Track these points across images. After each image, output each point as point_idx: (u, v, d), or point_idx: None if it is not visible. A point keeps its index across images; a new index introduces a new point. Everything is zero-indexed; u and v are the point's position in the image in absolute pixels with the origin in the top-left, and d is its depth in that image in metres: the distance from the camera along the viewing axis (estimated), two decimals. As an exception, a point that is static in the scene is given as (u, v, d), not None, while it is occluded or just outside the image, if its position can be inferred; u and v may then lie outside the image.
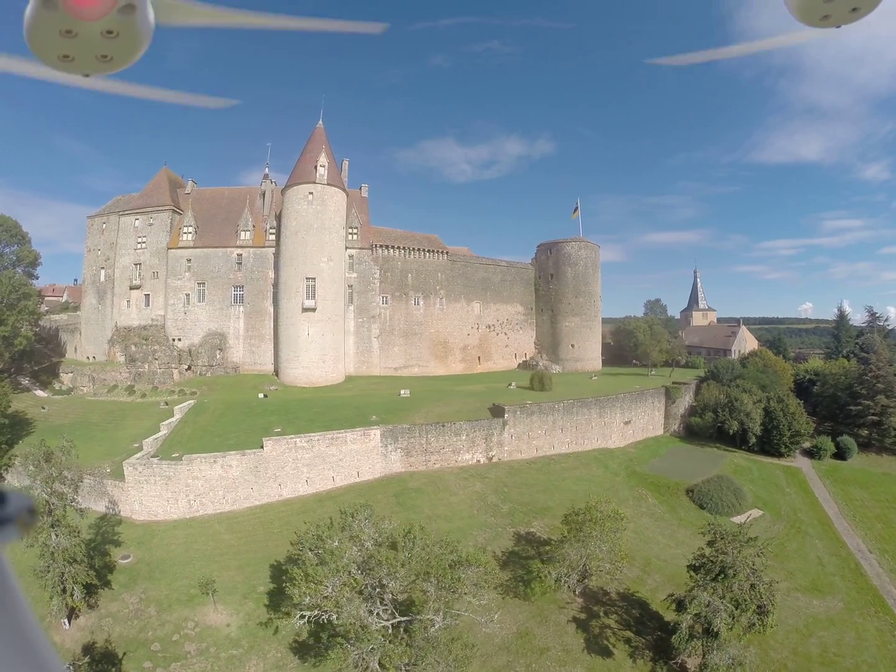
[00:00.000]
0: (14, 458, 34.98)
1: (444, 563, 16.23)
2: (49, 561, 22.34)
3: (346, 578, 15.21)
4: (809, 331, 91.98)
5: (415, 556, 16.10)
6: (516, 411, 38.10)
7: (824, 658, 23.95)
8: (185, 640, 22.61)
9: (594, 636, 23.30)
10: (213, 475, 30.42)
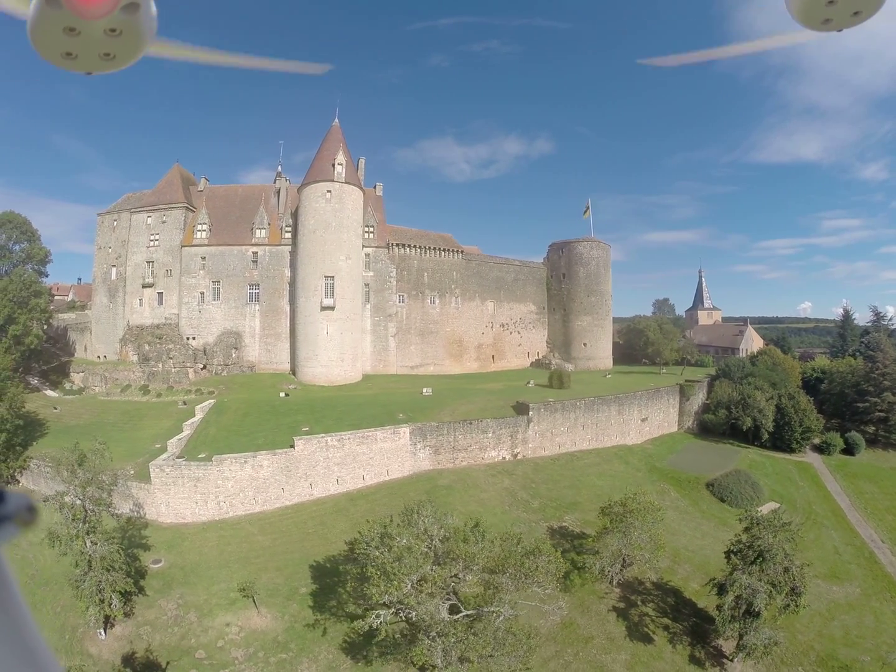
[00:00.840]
0: (29, 459, 35.23)
1: (518, 553, 17.37)
2: (85, 569, 21.81)
3: (425, 573, 16.07)
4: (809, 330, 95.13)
5: (485, 549, 17.14)
6: (540, 409, 39.42)
7: (847, 640, 25.66)
8: (231, 646, 22.45)
9: (634, 624, 24.68)
10: (244, 475, 30.57)
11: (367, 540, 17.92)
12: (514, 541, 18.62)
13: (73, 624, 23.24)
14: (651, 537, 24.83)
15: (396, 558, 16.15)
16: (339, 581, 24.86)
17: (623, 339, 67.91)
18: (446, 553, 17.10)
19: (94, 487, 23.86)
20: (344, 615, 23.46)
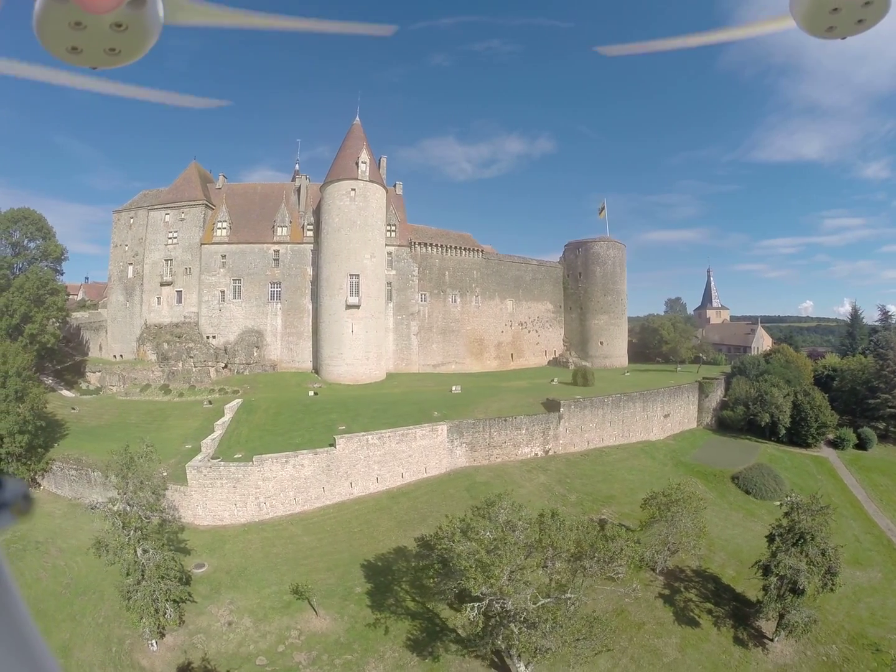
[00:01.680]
0: (51, 462, 35.28)
1: (601, 538, 18.99)
2: (138, 578, 21.32)
3: (523, 562, 17.41)
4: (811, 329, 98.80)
5: (567, 536, 18.67)
6: (570, 405, 41.21)
7: (874, 620, 27.89)
8: (293, 650, 22.17)
9: (680, 609, 26.52)
10: (285, 475, 30.77)
11: (449, 534, 19.10)
12: (591, 527, 20.25)
13: (119, 635, 22.92)
14: (695, 524, 26.71)
15: (491, 549, 17.42)
16: (394, 579, 25.69)
17: (636, 338, 70.25)
18: (538, 541, 18.60)
19: (146, 492, 23.48)
20: (404, 613, 23.94)
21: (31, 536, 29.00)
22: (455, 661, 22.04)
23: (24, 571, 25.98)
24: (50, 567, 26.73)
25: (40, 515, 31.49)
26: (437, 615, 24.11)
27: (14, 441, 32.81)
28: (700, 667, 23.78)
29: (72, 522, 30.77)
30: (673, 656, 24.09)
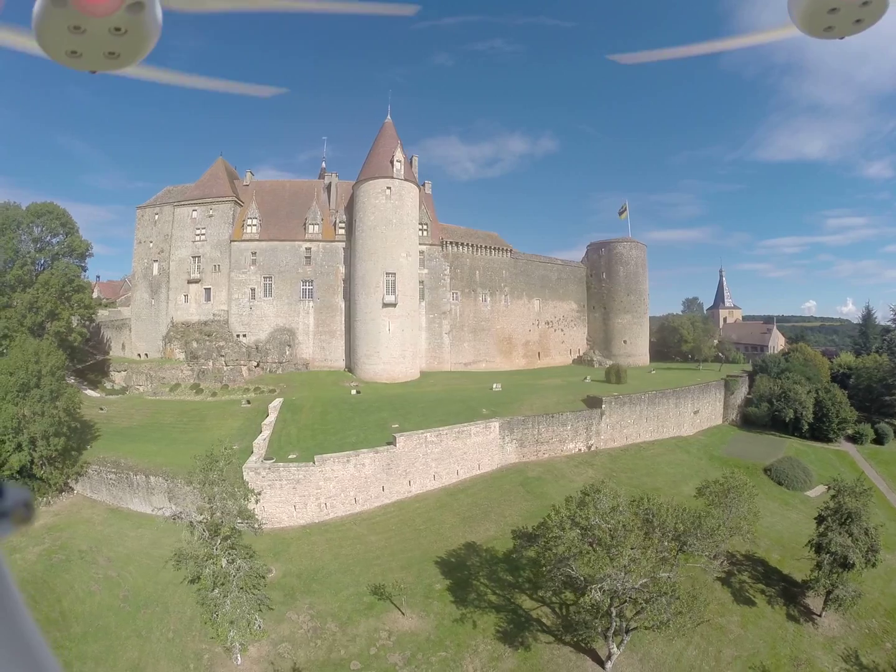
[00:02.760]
0: (87, 465, 34.95)
1: (698, 517, 21.71)
2: (229, 589, 20.72)
3: (641, 542, 19.82)
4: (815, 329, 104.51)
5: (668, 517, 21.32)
6: (611, 402, 44.09)
7: (907, 597, 31.45)
8: (386, 652, 22.38)
9: (737, 590, 29.49)
10: (346, 475, 31.51)
11: (557, 523, 21.35)
12: (687, 507, 22.97)
13: (196, 650, 22.56)
14: (749, 509, 29.75)
15: (608, 534, 19.77)
16: (471, 574, 27.21)
17: (655, 337, 73.82)
18: (649, 522, 21.15)
19: (236, 500, 22.99)
20: (488, 606, 25.06)
21: (73, 545, 29.04)
22: (546, 649, 23.72)
23: (73, 584, 25.92)
24: (101, 579, 26.52)
25: (79, 522, 31.90)
26: (519, 606, 25.80)
27: (49, 444, 32.47)
28: (762, 642, 26.74)
29: (114, 529, 31.20)
30: (737, 633, 27.02)
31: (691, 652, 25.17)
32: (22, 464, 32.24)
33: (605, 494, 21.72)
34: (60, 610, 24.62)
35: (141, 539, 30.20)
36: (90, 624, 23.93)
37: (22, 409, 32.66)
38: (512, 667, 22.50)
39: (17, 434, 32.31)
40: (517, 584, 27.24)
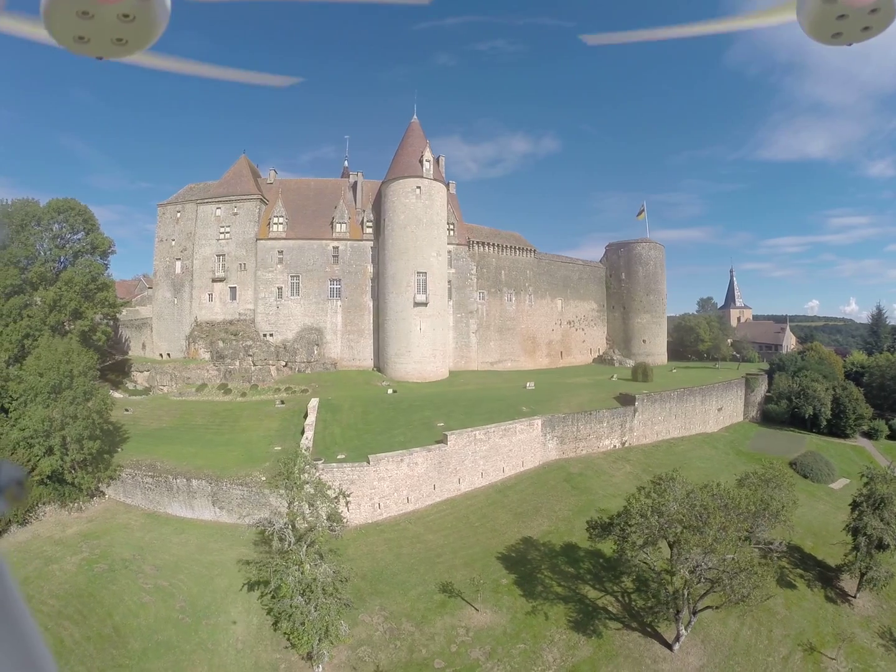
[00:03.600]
0: (119, 469, 34.70)
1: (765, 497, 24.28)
2: (316, 595, 20.66)
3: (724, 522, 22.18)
4: (818, 328, 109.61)
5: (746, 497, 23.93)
6: (644, 399, 46.76)
7: (931, 580, 34.64)
8: (466, 648, 23.24)
9: (779, 575, 32.32)
10: (400, 474, 32.44)
11: (639, 510, 23.59)
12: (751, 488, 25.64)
13: (270, 661, 22.70)
14: (788, 497, 32.55)
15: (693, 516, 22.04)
16: (534, 568, 29.04)
17: (671, 336, 77.07)
18: (726, 505, 23.56)
19: (329, 502, 23.24)
20: (555, 598, 26.80)
21: (114, 554, 28.78)
22: (616, 635, 25.74)
23: (122, 596, 25.61)
24: (152, 589, 26.19)
25: (115, 528, 31.68)
26: (584, 596, 27.83)
27: (82, 448, 32.22)
28: (805, 621, 29.49)
29: (155, 535, 31.14)
30: (783, 614, 29.73)
31: (745, 632, 27.76)
32: (53, 468, 31.82)
33: (678, 483, 24.08)
34: (113, 625, 23.91)
35: (186, 545, 30.18)
36: (149, 639, 23.36)
37: (52, 411, 32.23)
38: (588, 654, 24.42)
39: (47, 438, 31.95)
40: (579, 576, 29.38)
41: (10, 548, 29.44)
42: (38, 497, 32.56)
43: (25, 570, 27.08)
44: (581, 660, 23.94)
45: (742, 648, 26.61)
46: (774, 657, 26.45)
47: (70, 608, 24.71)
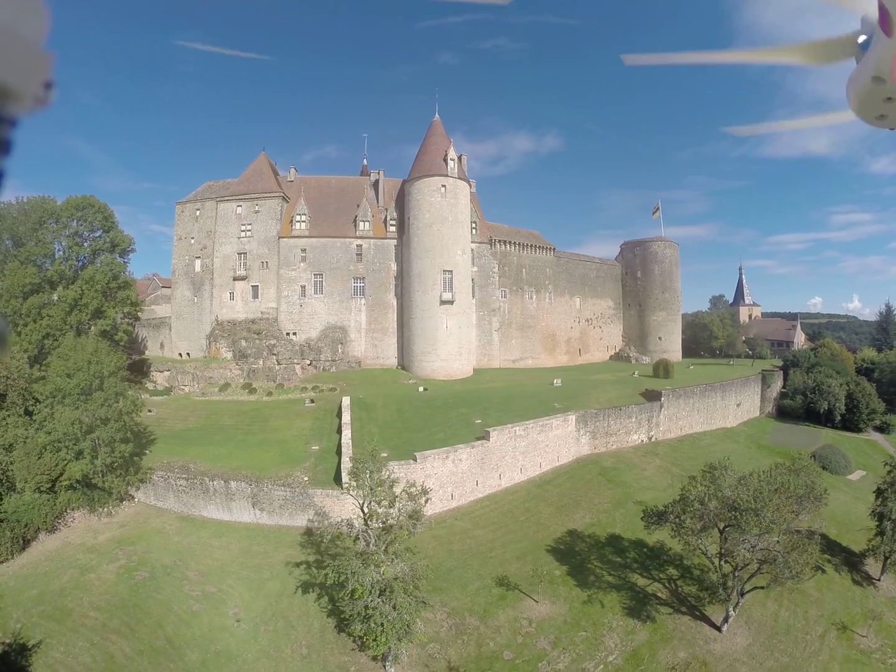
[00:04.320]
0: (150, 471, 34.79)
1: (811, 485, 26.79)
2: (396, 595, 21.06)
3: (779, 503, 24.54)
4: (822, 325, 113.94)
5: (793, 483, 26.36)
6: (669, 395, 49.27)
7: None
8: (532, 638, 24.45)
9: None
10: (445, 471, 33.62)
11: (698, 496, 25.83)
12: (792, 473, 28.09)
13: (339, 664, 23.00)
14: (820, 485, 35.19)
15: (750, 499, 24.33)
16: (584, 559, 31.04)
17: (685, 334, 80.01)
18: (779, 489, 25.90)
19: (414, 499, 23.77)
20: (607, 586, 28.71)
21: (153, 560, 28.59)
22: (668, 620, 27.88)
23: (170, 605, 25.38)
24: (201, 596, 26.04)
25: (150, 533, 31.56)
26: (634, 584, 29.91)
27: (113, 451, 32.26)
28: (836, 602, 32.15)
29: (194, 539, 31.14)
30: (816, 596, 32.35)
31: (784, 613, 30.29)
32: (84, 473, 31.76)
33: (730, 470, 26.42)
34: (165, 636, 23.72)
35: (229, 549, 30.25)
36: (206, 649, 23.13)
37: (82, 413, 31.97)
38: (645, 638, 26.50)
39: (77, 441, 31.78)
40: (626, 565, 31.61)
41: (41, 557, 29.40)
42: (66, 502, 32.41)
43: (60, 580, 27.04)
44: (640, 644, 26.03)
45: (782, 628, 29.10)
46: (812, 635, 29.00)
47: (115, 620, 24.44)
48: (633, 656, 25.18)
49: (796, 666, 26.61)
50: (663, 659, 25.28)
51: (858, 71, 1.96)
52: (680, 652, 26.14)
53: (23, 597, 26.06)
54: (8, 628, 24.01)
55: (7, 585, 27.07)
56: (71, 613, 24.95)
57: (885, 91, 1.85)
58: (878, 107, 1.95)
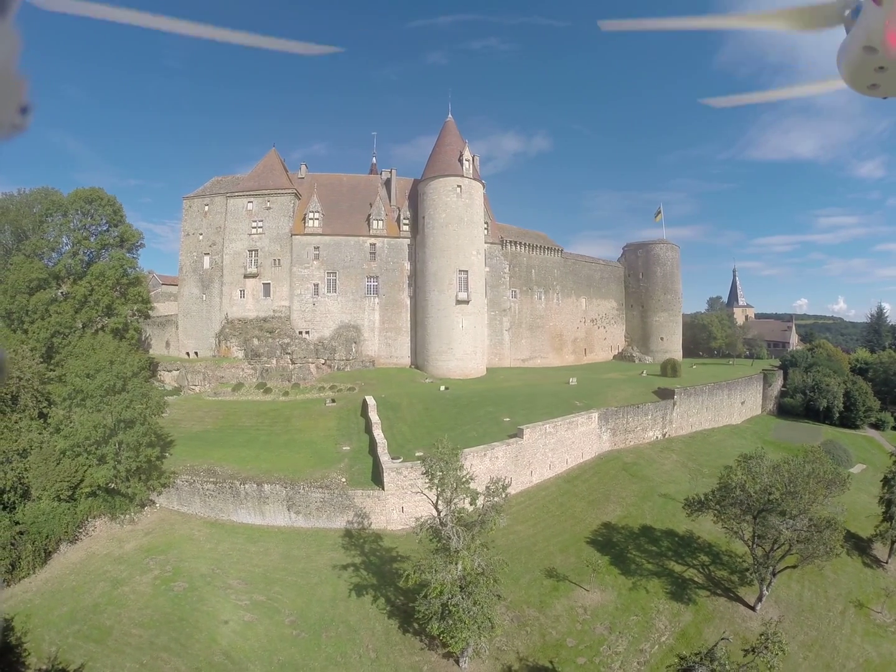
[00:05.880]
0: (174, 475, 34.44)
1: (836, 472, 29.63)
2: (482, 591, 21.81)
3: (814, 488, 27.14)
4: (808, 326, 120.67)
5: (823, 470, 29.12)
6: (682, 393, 52.28)
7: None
8: (589, 625, 26.37)
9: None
10: (482, 469, 34.36)
11: (740, 484, 28.29)
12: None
13: (411, 664, 23.44)
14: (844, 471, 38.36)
15: (785, 484, 26.85)
16: (623, 549, 33.06)
17: (683, 334, 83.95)
18: (807, 476, 28.57)
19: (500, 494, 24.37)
20: (648, 573, 30.77)
21: (189, 569, 28.25)
22: (707, 602, 30.14)
23: (218, 616, 25.03)
24: (251, 605, 25.83)
25: (180, 541, 31.29)
26: (672, 571, 32.08)
27: (138, 455, 31.87)
28: (851, 583, 35.20)
29: (228, 545, 30.96)
30: (832, 577, 35.33)
31: (806, 593, 33.11)
32: (107, 478, 31.30)
33: (765, 459, 29.09)
34: (221, 651, 23.35)
35: (268, 554, 30.20)
36: (269, 661, 23.05)
37: (104, 416, 31.49)
38: (690, 619, 28.76)
39: (99, 445, 31.24)
40: (662, 553, 33.91)
41: (66, 570, 28.81)
42: (87, 510, 31.70)
43: (92, 595, 26.31)
44: (686, 624, 28.28)
45: (807, 606, 31.87)
46: (833, 612, 31.86)
47: (163, 637, 23.84)
48: (682, 635, 27.37)
49: (823, 639, 29.32)
50: (709, 636, 27.60)
51: (849, 41, 1.99)
52: (722, 629, 28.51)
53: (53, 615, 25.14)
54: (42, 652, 22.91)
55: (33, 603, 25.93)
56: (111, 632, 24.15)
57: (877, 60, 1.90)
58: (870, 76, 2.01)
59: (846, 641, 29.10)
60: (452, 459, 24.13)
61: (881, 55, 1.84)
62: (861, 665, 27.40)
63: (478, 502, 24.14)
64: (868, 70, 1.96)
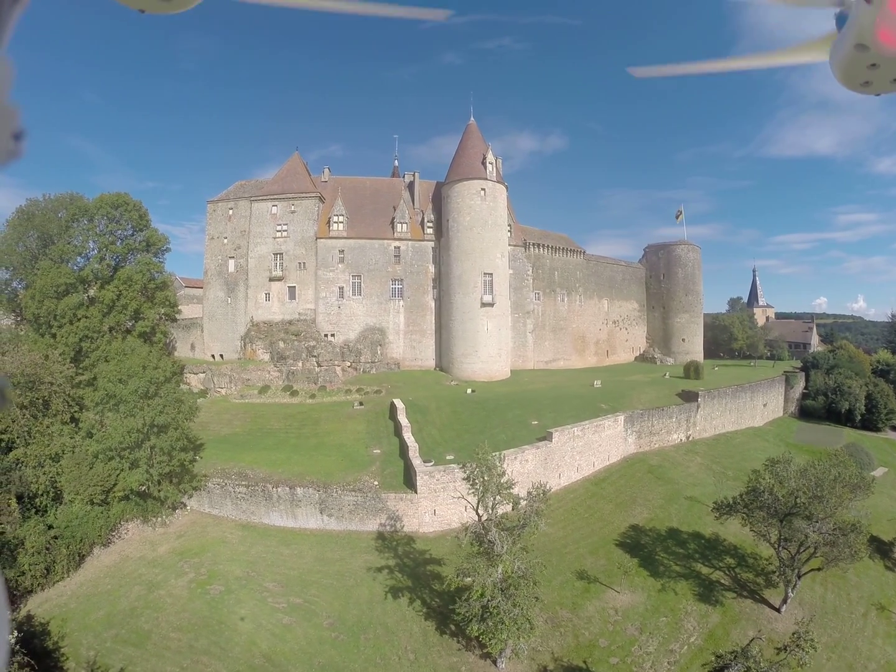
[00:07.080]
0: (205, 479, 35.44)
1: (861, 476, 31.86)
2: (522, 592, 22.64)
3: (840, 491, 29.34)
4: (827, 325, 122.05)
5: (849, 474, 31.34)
6: (705, 396, 54.42)
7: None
8: (621, 626, 27.58)
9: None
10: (513, 471, 34.92)
11: (767, 487, 30.52)
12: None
13: (448, 665, 24.48)
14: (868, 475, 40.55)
15: (813, 488, 29.05)
16: (651, 551, 34.95)
17: (704, 335, 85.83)
18: (833, 480, 30.80)
19: (536, 501, 25.32)
20: (676, 575, 32.49)
21: (224, 572, 29.03)
22: (734, 603, 32.19)
23: (257, 619, 25.61)
24: (288, 608, 26.72)
25: (213, 543, 32.28)
26: (699, 573, 34.17)
27: (171, 460, 32.71)
28: (873, 586, 37.49)
29: (262, 548, 32.02)
30: (854, 580, 37.63)
31: (829, 596, 35.44)
32: (140, 482, 32.25)
33: (792, 464, 31.31)
34: (261, 653, 24.09)
35: (302, 557, 31.41)
36: (310, 664, 23.72)
37: (138, 421, 32.46)
38: (718, 620, 30.90)
39: (132, 450, 32.21)
40: (689, 555, 36.20)
41: (100, 574, 29.78)
42: (120, 514, 32.89)
43: (128, 599, 27.22)
44: (714, 625, 30.50)
45: (830, 608, 34.21)
46: (856, 614, 34.16)
47: (202, 640, 24.61)
48: (710, 636, 29.61)
49: (845, 641, 31.67)
50: (736, 637, 30.02)
51: (840, 39, 2.04)
52: (749, 631, 30.91)
53: (89, 619, 25.90)
54: (81, 657, 23.63)
55: (69, 608, 26.79)
56: (149, 636, 24.93)
57: (869, 58, 1.92)
58: (862, 74, 2.02)
59: (868, 643, 31.39)
60: (494, 466, 25.70)
61: (873, 52, 1.88)
62: (882, 666, 29.60)
63: (520, 506, 25.69)
64: (860, 68, 2.00)
